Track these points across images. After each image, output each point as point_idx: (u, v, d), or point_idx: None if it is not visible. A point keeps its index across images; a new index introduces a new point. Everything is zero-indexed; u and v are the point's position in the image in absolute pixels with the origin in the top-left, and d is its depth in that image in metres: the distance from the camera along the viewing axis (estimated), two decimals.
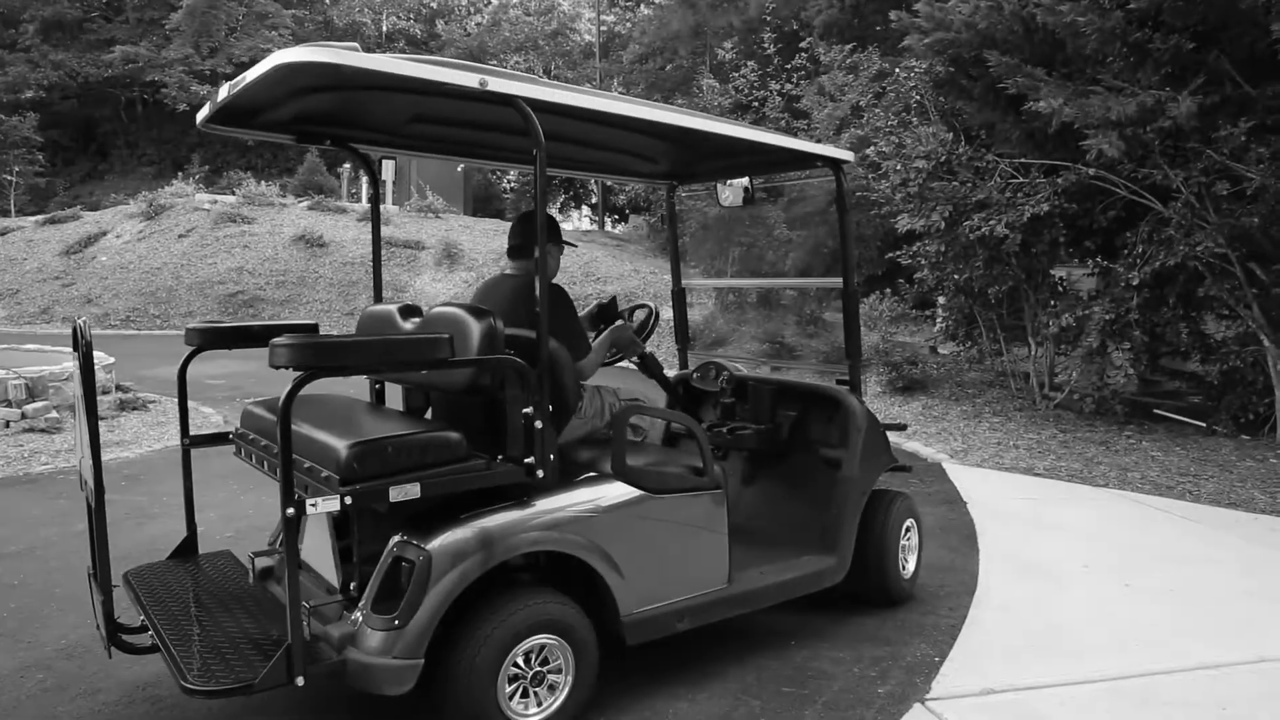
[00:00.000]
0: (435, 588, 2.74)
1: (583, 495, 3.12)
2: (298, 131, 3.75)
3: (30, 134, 28.16)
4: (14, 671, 3.58)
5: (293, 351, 2.56)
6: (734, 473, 4.47)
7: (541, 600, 2.95)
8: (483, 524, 2.87)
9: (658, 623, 3.30)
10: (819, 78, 15.17)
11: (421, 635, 2.72)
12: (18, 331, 14.95)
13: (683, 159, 4.63)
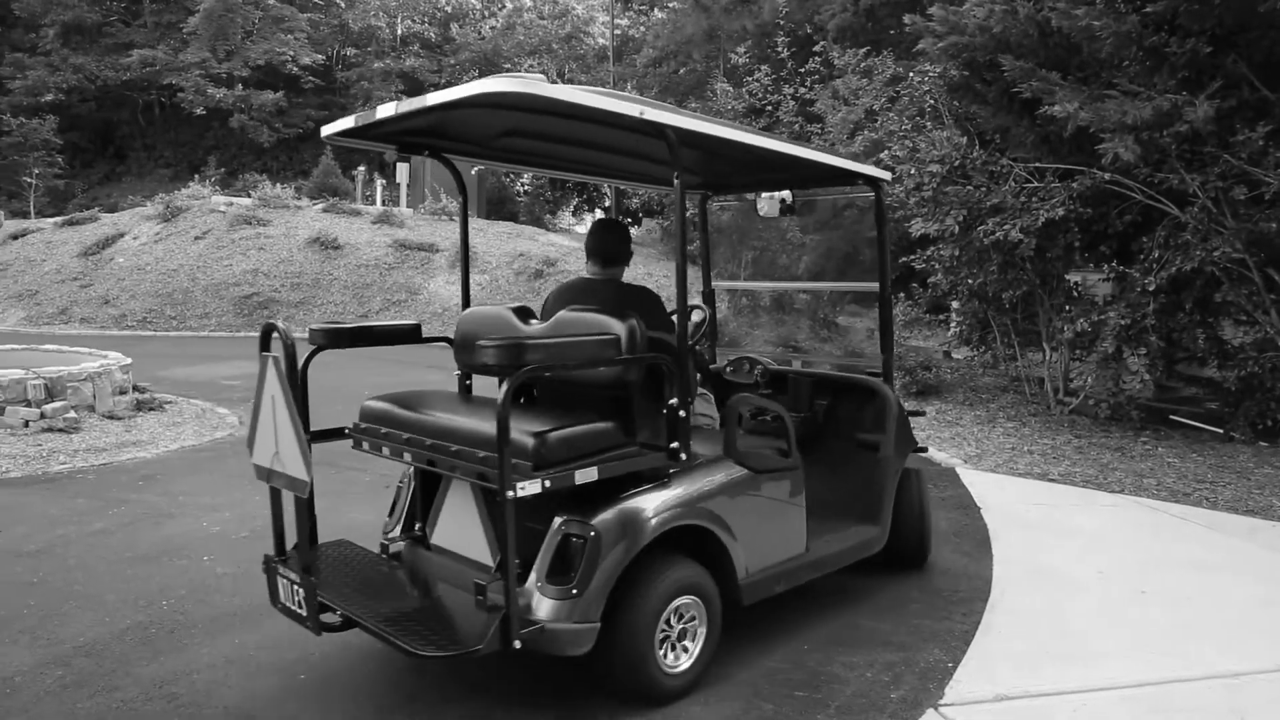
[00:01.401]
0: (606, 560, 3.12)
1: (708, 476, 3.53)
2: (399, 142, 4.09)
3: (50, 136, 28.42)
4: (34, 668, 3.62)
5: (503, 352, 2.94)
6: None
7: (683, 567, 3.39)
8: (639, 503, 3.26)
9: (763, 585, 3.74)
10: (833, 82, 15.17)
11: (597, 602, 3.11)
12: (36, 332, 15.09)
13: (724, 173, 5.08)
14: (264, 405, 3.22)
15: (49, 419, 7.68)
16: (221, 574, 4.70)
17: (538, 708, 3.38)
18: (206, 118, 31.73)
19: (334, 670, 3.66)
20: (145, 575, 4.66)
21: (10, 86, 30.86)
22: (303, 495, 3.18)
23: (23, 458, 6.88)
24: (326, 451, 7.52)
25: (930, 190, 8.90)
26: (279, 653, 3.81)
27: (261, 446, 3.27)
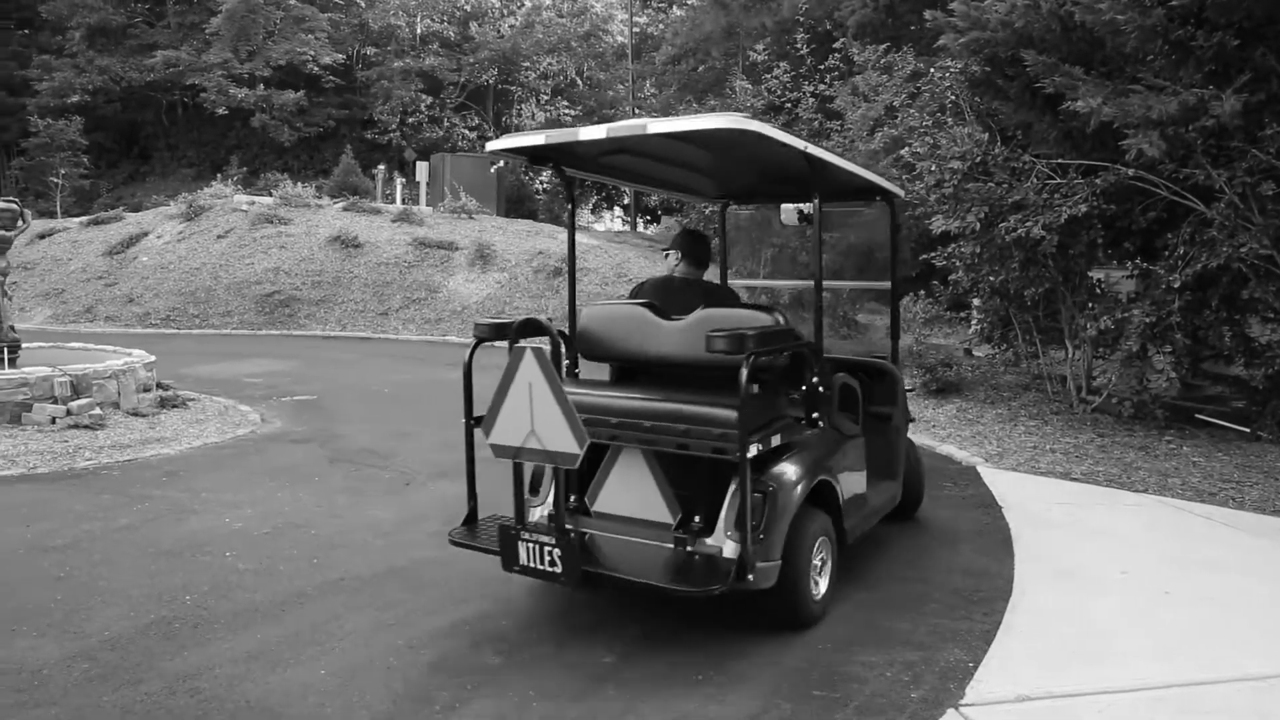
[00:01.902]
0: (781, 510, 3.84)
1: (824, 441, 4.28)
2: (530, 154, 4.53)
3: (76, 137, 28.73)
4: (61, 661, 3.67)
5: (733, 342, 3.66)
6: None
7: (818, 514, 4.13)
8: (796, 464, 4.00)
9: (854, 531, 4.51)
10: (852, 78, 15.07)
11: (777, 544, 3.83)
12: (62, 330, 15.27)
13: (750, 184, 5.86)
14: (515, 391, 3.61)
15: (75, 416, 7.77)
16: (243, 570, 4.74)
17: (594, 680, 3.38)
18: (229, 117, 31.96)
19: (355, 664, 3.69)
20: (169, 570, 4.70)
21: (38, 88, 31.21)
22: (572, 467, 3.61)
23: (50, 454, 6.97)
24: (343, 450, 7.58)
25: (951, 187, 8.83)
26: (300, 648, 3.84)
27: (507, 428, 3.68)
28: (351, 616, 4.18)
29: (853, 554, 5.21)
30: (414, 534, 5.40)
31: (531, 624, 4.15)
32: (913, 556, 5.21)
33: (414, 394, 10.18)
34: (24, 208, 8.93)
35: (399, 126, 34.04)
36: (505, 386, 3.65)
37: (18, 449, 7.03)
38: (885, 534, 5.61)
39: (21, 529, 5.27)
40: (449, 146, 33.53)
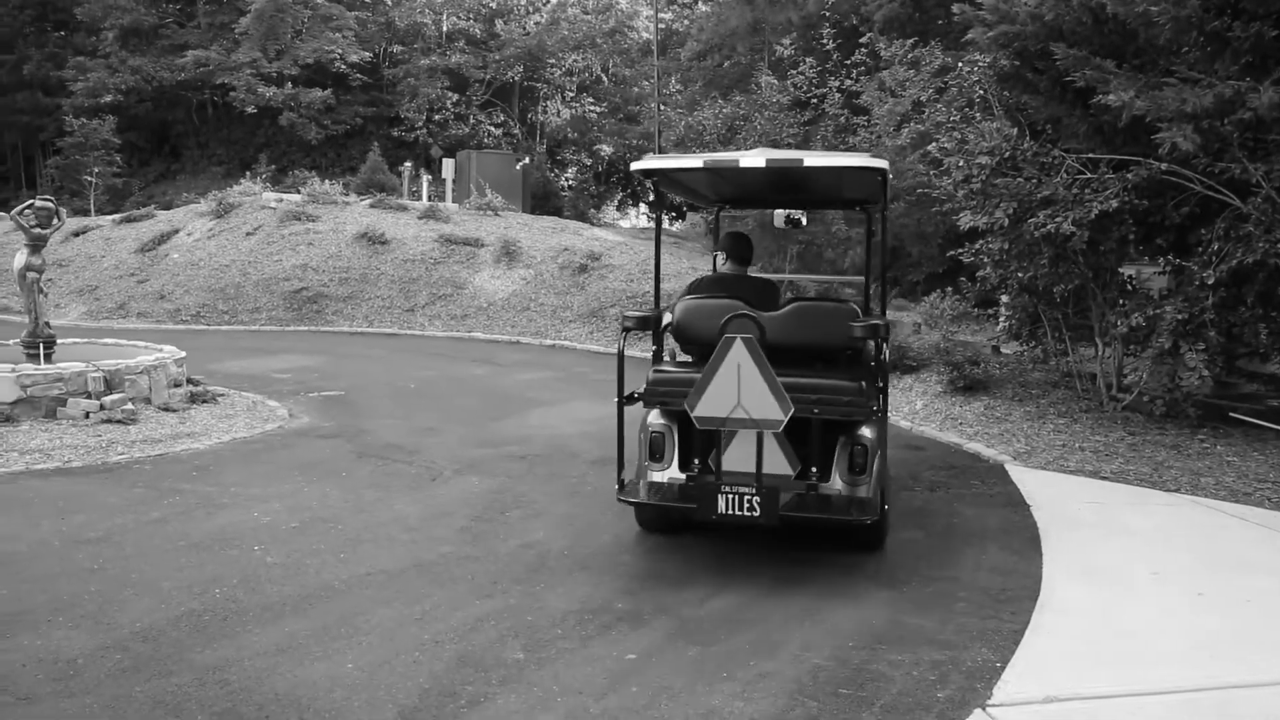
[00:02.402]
0: (876, 460, 4.87)
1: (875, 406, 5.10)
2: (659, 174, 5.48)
3: (109, 136, 29.12)
4: (94, 651, 3.73)
5: (869, 329, 4.90)
6: None
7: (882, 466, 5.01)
8: (876, 429, 4.97)
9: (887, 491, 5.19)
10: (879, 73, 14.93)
11: (875, 486, 4.83)
12: (96, 326, 15.49)
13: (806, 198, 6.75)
14: (724, 372, 4.37)
15: (108, 410, 7.88)
16: (272, 563, 4.79)
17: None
18: (257, 116, 32.25)
19: (381, 657, 3.71)
20: (199, 563, 4.76)
21: (72, 89, 31.67)
22: (777, 430, 4.48)
23: (83, 448, 7.08)
24: (370, 445, 7.64)
25: (979, 182, 8.73)
26: (327, 641, 3.87)
27: (713, 403, 4.42)
28: (378, 610, 4.21)
29: (879, 553, 5.18)
30: (440, 529, 5.43)
31: (558, 619, 4.16)
32: (940, 555, 5.17)
33: (440, 390, 10.24)
34: (59, 206, 9.06)
35: (425, 124, 34.20)
36: (714, 368, 4.38)
37: (53, 443, 7.15)
38: (912, 532, 5.57)
39: (57, 521, 5.36)
40: (475, 143, 33.65)
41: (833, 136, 13.65)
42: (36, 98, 34.65)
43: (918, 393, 9.88)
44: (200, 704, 3.34)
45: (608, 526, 5.55)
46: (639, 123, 35.60)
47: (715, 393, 4.39)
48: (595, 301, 15.34)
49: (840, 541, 5.17)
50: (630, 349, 5.58)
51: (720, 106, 14.57)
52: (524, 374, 11.47)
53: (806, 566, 4.93)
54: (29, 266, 8.53)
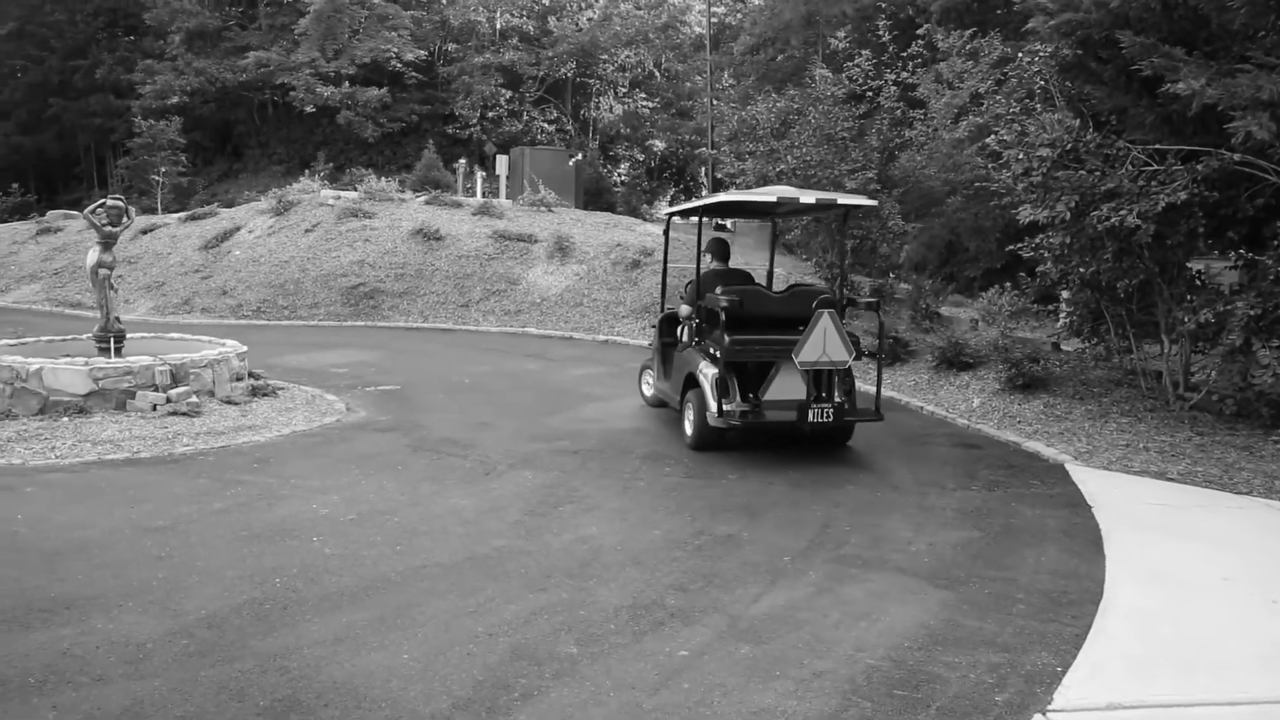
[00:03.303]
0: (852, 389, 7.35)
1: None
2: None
3: (175, 137, 29.95)
4: (162, 637, 3.84)
5: (872, 303, 8.08)
6: None
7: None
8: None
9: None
10: (936, 65, 14.69)
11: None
12: (162, 321, 15.95)
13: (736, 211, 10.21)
14: (816, 333, 6.80)
15: (174, 403, 8.11)
16: (330, 554, 4.88)
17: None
18: (316, 115, 32.88)
19: (436, 649, 3.77)
20: (259, 553, 4.88)
21: (141, 91, 32.67)
22: (845, 369, 7.07)
23: (151, 439, 7.29)
24: (425, 439, 7.74)
25: (1040, 175, 8.53)
26: (383, 632, 3.94)
27: (810, 353, 6.82)
28: (433, 602, 4.27)
29: (933, 550, 5.11)
30: (494, 523, 5.49)
31: (610, 614, 4.17)
32: (996, 555, 5.08)
33: (494, 385, 10.34)
34: (128, 205, 9.33)
35: (479, 121, 34.54)
36: (811, 330, 6.80)
37: (123, 434, 7.38)
38: (969, 532, 5.48)
39: (127, 510, 5.53)
40: (528, 140, 33.88)
41: (888, 130, 13.46)
42: (108, 100, 35.84)
43: (974, 390, 9.70)
44: (262, 690, 3.42)
45: (660, 522, 5.56)
46: (692, 118, 35.51)
47: (811, 346, 6.81)
48: (648, 297, 15.34)
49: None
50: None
51: (774, 101, 14.43)
52: (577, 369, 11.53)
53: (859, 566, 4.88)
54: (100, 263, 8.80)
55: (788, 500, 6.10)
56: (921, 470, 7.02)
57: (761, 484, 6.48)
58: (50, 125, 37.83)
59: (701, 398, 7.20)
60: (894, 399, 10.09)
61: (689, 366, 7.58)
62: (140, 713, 3.24)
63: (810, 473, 6.81)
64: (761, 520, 5.65)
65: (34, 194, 34.81)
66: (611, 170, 35.93)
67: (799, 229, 13.75)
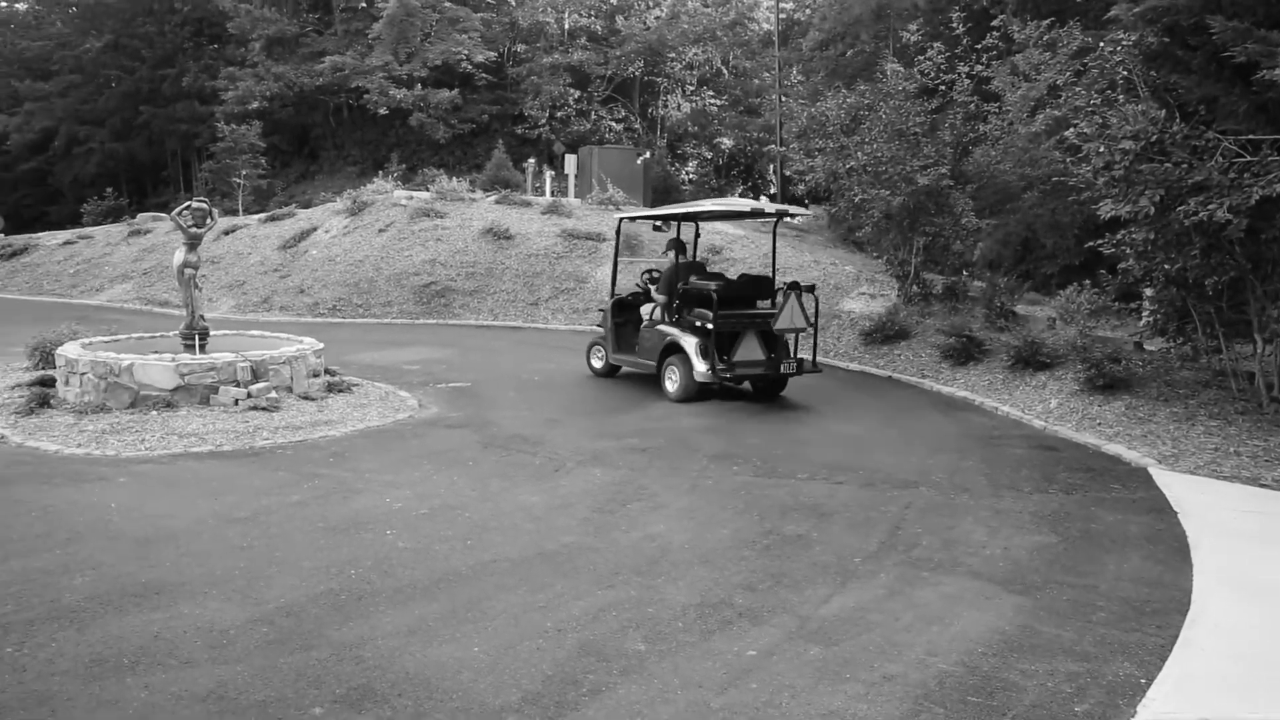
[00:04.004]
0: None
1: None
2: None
3: (255, 140, 30.93)
4: (244, 624, 3.97)
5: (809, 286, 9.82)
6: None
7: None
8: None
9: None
10: (1012, 57, 14.29)
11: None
12: (242, 319, 16.49)
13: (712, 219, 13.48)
14: (789, 307, 8.94)
15: (254, 398, 8.38)
16: (403, 548, 4.99)
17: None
18: (389, 117, 33.59)
19: (506, 643, 3.81)
20: (335, 545, 5.01)
21: (224, 97, 33.86)
22: (807, 333, 9.41)
23: (233, 433, 7.55)
24: (496, 435, 7.83)
25: (1122, 169, 8.24)
26: (455, 625, 4.01)
27: (784, 322, 8.98)
28: (503, 597, 4.33)
29: (1008, 555, 4.98)
30: (563, 519, 5.54)
31: (678, 612, 4.17)
32: (1074, 561, 4.93)
33: (563, 382, 10.43)
34: (212, 206, 9.66)
35: (548, 121, 34.87)
36: (784, 306, 8.95)
37: (207, 427, 7.65)
38: (1045, 536, 5.33)
39: (211, 501, 5.74)
40: (596, 139, 34.07)
41: (961, 124, 13.16)
42: (193, 106, 37.22)
43: (1051, 391, 9.43)
44: (338, 678, 3.51)
45: (728, 521, 5.54)
46: (760, 115, 35.27)
47: (784, 317, 9.04)
48: None
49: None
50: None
51: (844, 96, 14.23)
52: None
53: (931, 569, 4.79)
54: (186, 263, 9.13)
55: (857, 501, 6.02)
56: (995, 472, 6.86)
57: (830, 485, 6.41)
58: (140, 132, 39.45)
59: (687, 361, 9.09)
60: (967, 399, 9.87)
61: (667, 338, 9.44)
62: (224, 695, 3.36)
63: (880, 473, 6.71)
64: (831, 521, 5.59)
65: (126, 197, 36.35)
66: (679, 168, 35.90)
67: (869, 226, 13.54)
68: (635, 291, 10.67)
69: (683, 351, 9.14)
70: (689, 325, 9.31)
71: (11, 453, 6.89)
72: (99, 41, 38.92)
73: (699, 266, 10.35)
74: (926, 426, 8.50)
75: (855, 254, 18.51)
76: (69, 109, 39.46)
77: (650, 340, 9.78)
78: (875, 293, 13.98)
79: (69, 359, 8.47)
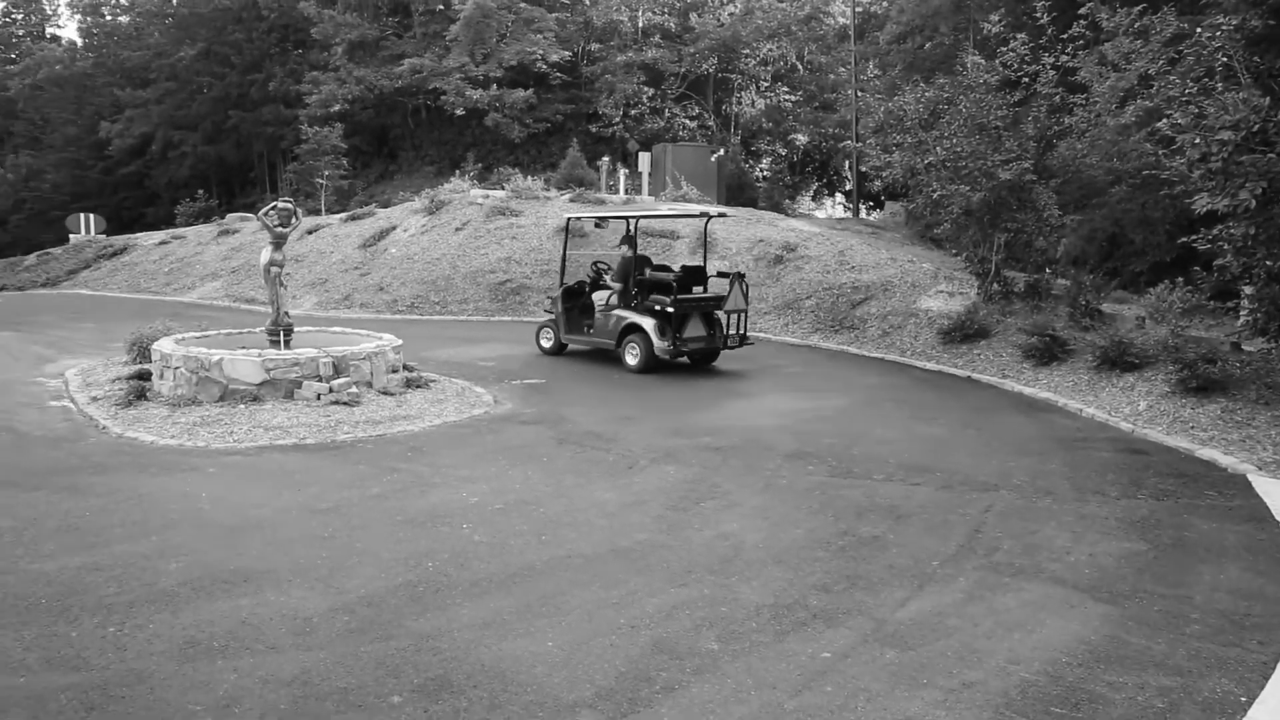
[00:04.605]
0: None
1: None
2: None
3: (337, 142, 31.85)
4: (326, 612, 4.09)
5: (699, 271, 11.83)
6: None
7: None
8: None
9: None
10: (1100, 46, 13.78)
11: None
12: (325, 315, 16.97)
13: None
14: (733, 292, 10.82)
15: (336, 393, 8.61)
16: (479, 542, 5.06)
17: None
18: (465, 117, 34.22)
19: (579, 638, 3.84)
20: (413, 538, 5.11)
21: (307, 100, 34.98)
22: (745, 312, 11.05)
23: (315, 426, 7.77)
24: (570, 432, 7.90)
25: (1220, 160, 7.87)
26: (529, 619, 4.05)
27: (730, 303, 10.78)
28: (576, 592, 4.36)
29: (1093, 562, 4.82)
30: (637, 516, 5.55)
31: (752, 611, 4.15)
32: (1166, 570, 4.74)
33: (636, 380, 10.47)
34: (297, 207, 9.97)
35: (622, 119, 35.05)
36: (730, 290, 10.75)
37: (291, 421, 7.90)
38: (1134, 543, 5.14)
39: (295, 493, 5.92)
40: (670, 136, 34.10)
41: (1045, 117, 12.76)
42: (279, 110, 38.52)
43: (1140, 393, 9.08)
44: (415, 668, 3.59)
45: (802, 521, 5.48)
46: (835, 110, 34.82)
47: (730, 300, 10.68)
48: (791, 293, 15.16)
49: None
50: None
51: (922, 90, 13.92)
52: (718, 365, 11.50)
53: (1012, 574, 4.66)
54: (272, 262, 9.43)
55: (934, 503, 5.89)
56: (1080, 476, 6.64)
57: (907, 486, 6.28)
58: (229, 135, 40.98)
59: (647, 339, 10.76)
60: (1049, 400, 9.58)
61: (625, 321, 11.05)
62: (308, 681, 3.46)
63: (958, 475, 6.56)
64: (907, 523, 5.48)
65: (215, 199, 37.81)
66: (753, 165, 35.68)
67: (948, 223, 13.24)
68: (581, 281, 12.20)
69: (642, 331, 10.81)
70: (647, 309, 10.88)
71: (113, 443, 7.22)
72: (192, 50, 40.61)
73: (647, 260, 11.72)
74: (1007, 428, 8.27)
75: (933, 251, 18.13)
76: (165, 115, 41.29)
77: (608, 323, 11.30)
78: (954, 290, 13.66)
79: (163, 354, 8.83)
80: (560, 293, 12.06)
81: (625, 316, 11.08)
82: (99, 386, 9.21)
